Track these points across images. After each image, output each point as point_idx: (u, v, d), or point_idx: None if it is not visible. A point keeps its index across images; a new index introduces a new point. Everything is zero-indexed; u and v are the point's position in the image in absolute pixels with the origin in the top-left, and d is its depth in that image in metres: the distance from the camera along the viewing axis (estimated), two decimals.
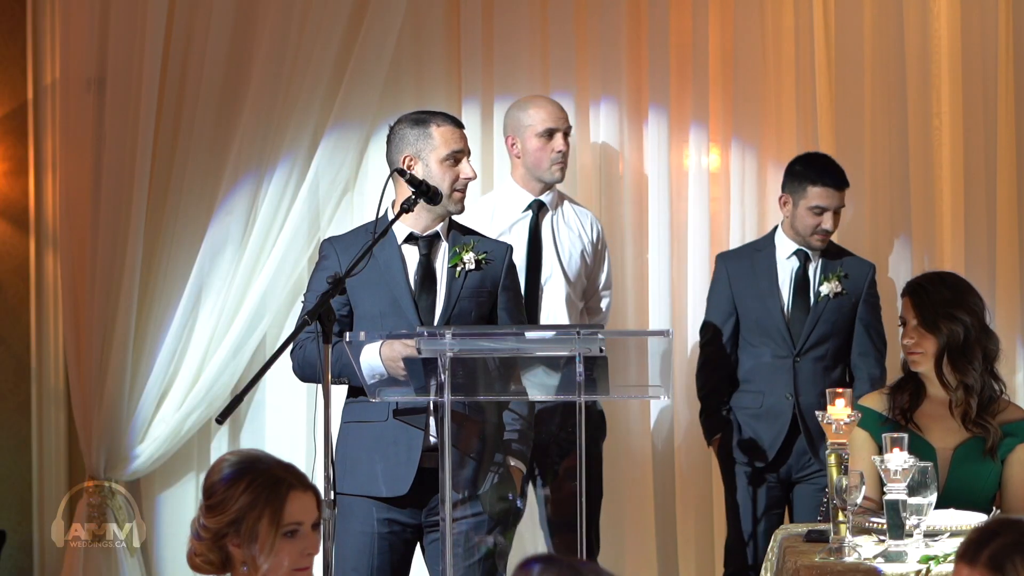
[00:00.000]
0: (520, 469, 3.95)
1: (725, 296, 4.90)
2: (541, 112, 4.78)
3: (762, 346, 4.82)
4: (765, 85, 5.30)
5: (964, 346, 3.91)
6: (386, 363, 3.68)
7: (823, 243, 4.83)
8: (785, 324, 4.80)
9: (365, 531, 3.84)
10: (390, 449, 3.82)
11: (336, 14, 5.17)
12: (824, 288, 4.81)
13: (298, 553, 2.75)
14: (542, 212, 4.80)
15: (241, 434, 5.33)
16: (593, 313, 4.90)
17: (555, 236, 4.80)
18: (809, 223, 4.79)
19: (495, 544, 3.84)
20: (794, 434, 4.78)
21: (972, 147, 5.24)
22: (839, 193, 4.80)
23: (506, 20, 5.29)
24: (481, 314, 3.93)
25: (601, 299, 4.92)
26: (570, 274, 4.79)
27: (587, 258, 4.85)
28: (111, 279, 5.12)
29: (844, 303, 4.83)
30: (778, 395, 4.79)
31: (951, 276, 4.10)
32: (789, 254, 4.87)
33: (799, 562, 3.42)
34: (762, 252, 4.91)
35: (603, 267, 4.93)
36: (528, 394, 3.71)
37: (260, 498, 2.73)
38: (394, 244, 3.91)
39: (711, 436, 4.92)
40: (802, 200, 4.79)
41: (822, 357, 4.81)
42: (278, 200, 5.19)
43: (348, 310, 3.89)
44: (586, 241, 4.86)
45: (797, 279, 4.85)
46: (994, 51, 5.22)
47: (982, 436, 3.89)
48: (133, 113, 5.13)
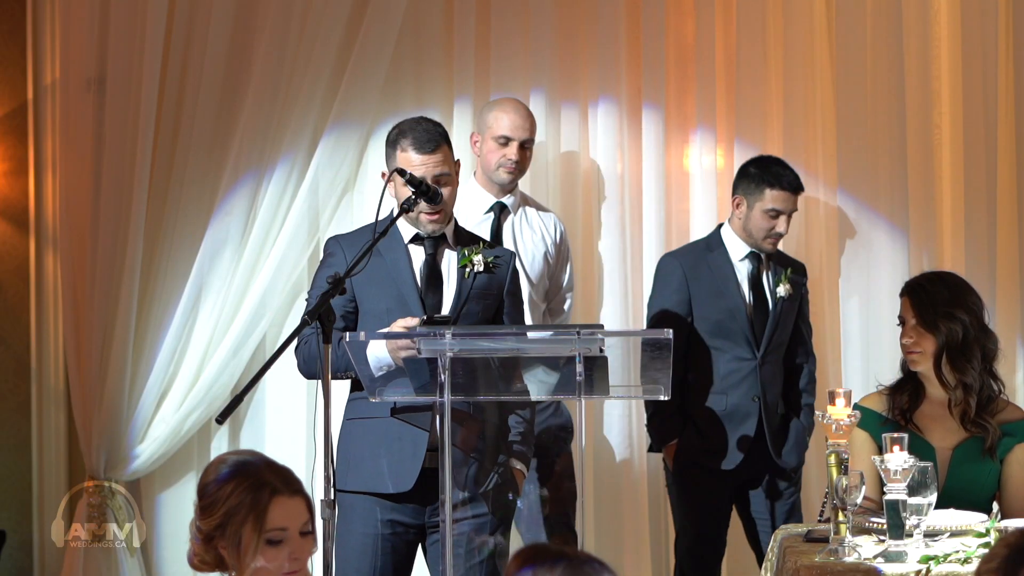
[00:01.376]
0: (522, 471, 3.95)
1: (680, 296, 4.81)
2: (503, 118, 4.78)
3: (724, 348, 4.79)
4: (767, 86, 5.30)
5: (963, 345, 3.90)
6: (391, 352, 3.67)
7: (774, 246, 4.81)
8: (749, 326, 4.78)
9: (368, 532, 3.83)
10: (395, 445, 3.81)
11: (336, 14, 5.17)
12: (780, 290, 4.81)
13: (284, 559, 2.70)
14: (504, 214, 4.82)
15: (241, 434, 5.33)
16: (555, 314, 4.93)
17: (518, 238, 4.80)
18: (763, 226, 4.77)
19: (496, 545, 3.84)
20: (759, 435, 4.77)
21: (972, 147, 5.24)
22: (795, 197, 4.79)
23: (501, 20, 5.29)
24: (486, 317, 3.94)
25: (564, 300, 4.94)
26: (532, 275, 4.80)
27: (549, 259, 4.86)
28: (111, 279, 5.12)
29: (793, 304, 4.85)
30: (744, 397, 4.77)
31: (950, 276, 4.10)
32: (743, 256, 4.84)
33: (799, 562, 3.42)
34: (714, 252, 4.85)
35: (565, 268, 4.94)
36: (528, 394, 3.71)
37: (244, 503, 2.69)
38: (400, 243, 3.92)
39: (665, 442, 4.84)
40: (757, 203, 4.77)
41: (779, 358, 4.83)
42: (278, 200, 5.19)
43: (354, 307, 3.89)
44: (548, 243, 4.86)
45: (753, 281, 4.83)
46: (994, 51, 5.22)
47: (981, 436, 3.89)
48: (133, 113, 5.13)
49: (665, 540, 5.29)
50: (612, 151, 5.29)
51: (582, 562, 2.20)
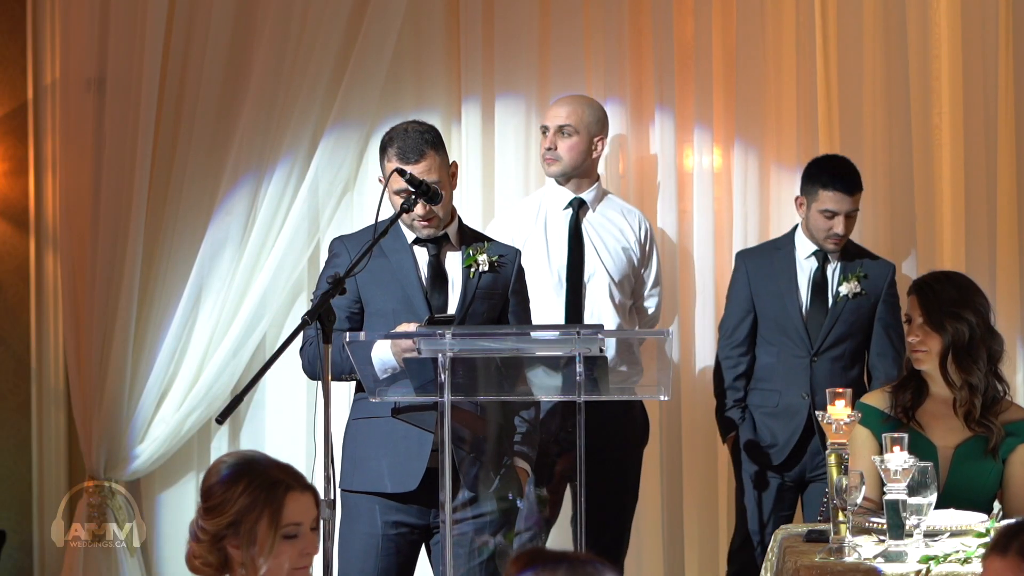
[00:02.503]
0: (526, 470, 3.94)
1: (744, 294, 4.88)
2: (548, 110, 4.84)
3: (779, 345, 4.81)
4: (766, 86, 5.30)
5: (969, 345, 3.90)
6: (395, 354, 3.66)
7: (837, 246, 4.79)
8: (803, 323, 4.79)
9: (372, 532, 3.83)
10: (400, 445, 3.81)
11: (336, 14, 5.17)
12: (843, 288, 4.79)
13: (297, 554, 2.75)
14: (582, 210, 4.81)
15: (241, 434, 5.33)
16: (641, 312, 4.89)
17: (597, 234, 4.79)
18: (821, 226, 4.77)
19: (498, 545, 3.84)
20: (808, 434, 4.77)
21: (972, 147, 5.24)
22: (850, 198, 4.75)
23: (507, 19, 5.29)
24: (492, 316, 3.94)
25: (649, 297, 4.91)
26: (613, 273, 4.77)
27: (632, 256, 4.83)
28: (111, 279, 5.12)
29: (863, 303, 4.81)
30: (794, 394, 4.77)
31: (958, 275, 4.09)
32: (808, 254, 4.85)
33: (799, 562, 3.42)
34: (782, 251, 4.89)
35: (651, 265, 4.91)
36: (530, 394, 3.71)
37: (259, 500, 2.72)
38: (405, 244, 3.92)
39: (727, 433, 4.92)
40: (814, 203, 4.76)
41: (840, 357, 4.80)
42: (278, 200, 5.19)
43: (359, 308, 3.89)
44: (631, 240, 4.84)
45: (815, 279, 4.83)
46: (994, 51, 5.22)
47: (984, 435, 3.89)
48: (133, 113, 5.13)
49: (681, 541, 5.28)
50: (614, 151, 5.29)
51: (583, 563, 2.20)
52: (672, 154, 5.29)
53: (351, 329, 3.81)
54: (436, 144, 3.90)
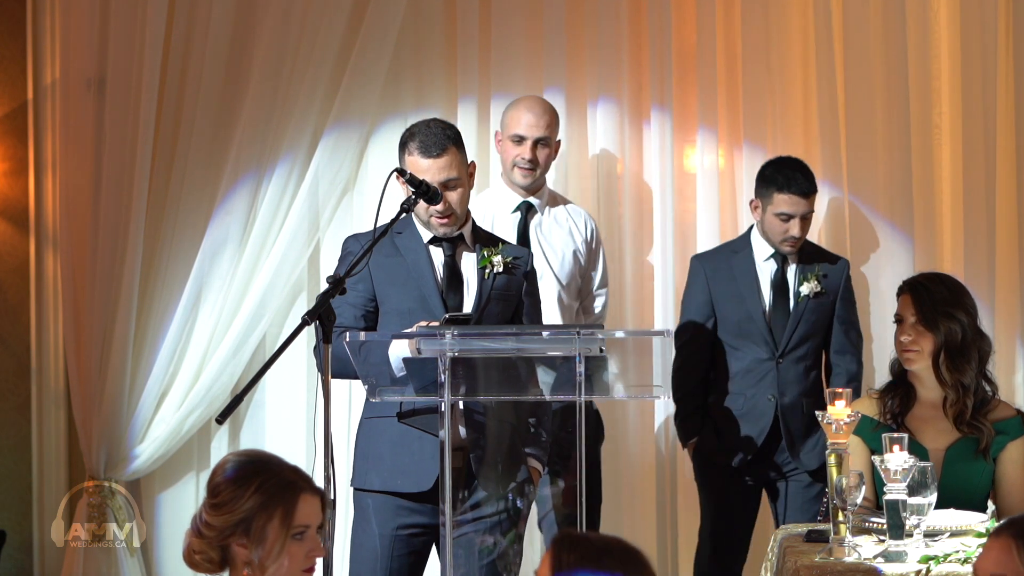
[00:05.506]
0: (538, 470, 3.94)
1: (703, 298, 4.84)
2: (519, 117, 4.74)
3: (743, 348, 4.79)
4: (770, 86, 5.29)
5: (962, 346, 3.91)
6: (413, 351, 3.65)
7: (793, 248, 4.78)
8: (767, 326, 4.78)
9: (384, 532, 3.82)
10: (414, 445, 3.79)
11: (336, 14, 5.17)
12: (804, 288, 4.78)
13: (304, 555, 2.76)
14: (531, 213, 4.79)
15: (241, 434, 5.33)
16: (588, 313, 4.88)
17: (545, 237, 4.78)
18: (777, 229, 4.75)
19: (507, 545, 3.83)
20: (775, 435, 4.77)
21: (972, 147, 5.24)
22: (805, 200, 4.72)
23: (503, 19, 5.29)
24: (506, 317, 3.94)
25: (595, 299, 4.90)
26: (561, 275, 4.76)
27: (580, 257, 4.82)
28: (111, 279, 5.12)
29: (824, 302, 4.81)
30: (760, 396, 4.76)
31: (947, 277, 4.11)
32: (767, 256, 4.83)
33: (799, 562, 3.42)
34: (739, 254, 4.86)
35: (597, 267, 4.90)
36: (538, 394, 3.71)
37: (272, 500, 2.73)
38: (421, 244, 3.92)
39: (688, 439, 4.88)
40: (769, 206, 4.74)
41: (803, 357, 4.80)
42: (278, 200, 5.19)
43: (375, 307, 3.89)
44: (578, 240, 4.83)
45: (776, 281, 4.82)
46: (994, 51, 5.22)
47: (974, 436, 3.90)
48: (133, 113, 5.13)
49: (672, 540, 5.28)
50: (613, 151, 5.29)
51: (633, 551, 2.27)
52: (669, 155, 5.29)
53: (366, 328, 3.80)
54: (457, 141, 3.91)
